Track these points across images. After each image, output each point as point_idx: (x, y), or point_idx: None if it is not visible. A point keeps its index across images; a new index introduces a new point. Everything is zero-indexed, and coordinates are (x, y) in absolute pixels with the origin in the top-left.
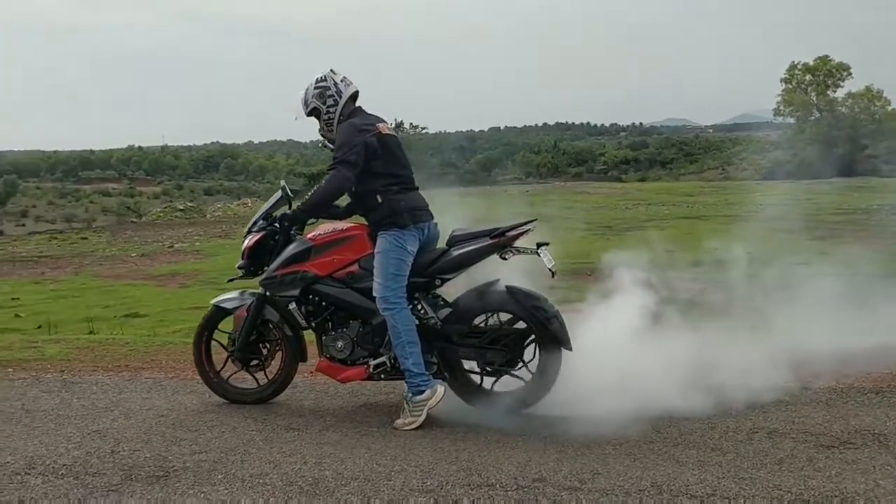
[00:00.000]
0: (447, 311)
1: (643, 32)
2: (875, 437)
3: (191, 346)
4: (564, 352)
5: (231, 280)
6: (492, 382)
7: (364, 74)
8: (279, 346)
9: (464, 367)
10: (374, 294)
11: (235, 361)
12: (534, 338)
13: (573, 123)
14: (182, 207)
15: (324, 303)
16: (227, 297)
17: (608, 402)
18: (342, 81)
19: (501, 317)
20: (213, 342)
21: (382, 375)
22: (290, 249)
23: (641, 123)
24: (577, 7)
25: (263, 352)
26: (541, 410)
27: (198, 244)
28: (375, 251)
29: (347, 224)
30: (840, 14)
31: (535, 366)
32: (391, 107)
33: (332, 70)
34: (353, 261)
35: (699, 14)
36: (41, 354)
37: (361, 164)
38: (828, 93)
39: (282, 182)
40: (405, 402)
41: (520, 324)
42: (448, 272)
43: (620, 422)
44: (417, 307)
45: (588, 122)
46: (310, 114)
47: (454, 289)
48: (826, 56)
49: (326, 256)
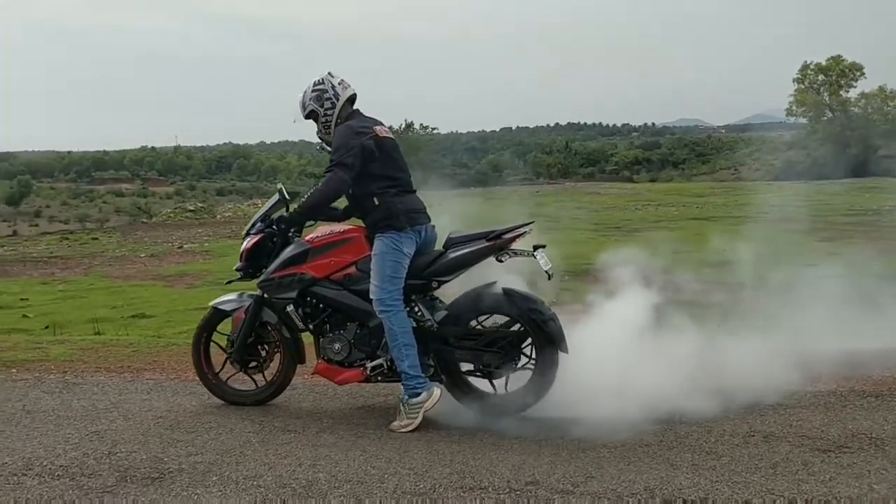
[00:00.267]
0: (444, 314)
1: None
2: (872, 442)
3: None
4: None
5: (229, 282)
6: (490, 385)
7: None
8: (277, 348)
9: (461, 370)
10: (371, 296)
11: (234, 363)
12: (530, 340)
13: (585, 124)
14: (192, 208)
15: (321, 305)
16: (226, 299)
17: (605, 405)
18: (339, 84)
19: (498, 319)
20: (212, 344)
21: (379, 377)
22: (288, 252)
23: (654, 124)
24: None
25: (262, 353)
26: (538, 413)
27: (207, 245)
28: (372, 253)
29: (345, 226)
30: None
31: (532, 368)
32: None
33: (330, 73)
34: (351, 263)
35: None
36: (45, 355)
37: (358, 167)
38: (840, 93)
39: (279, 185)
40: (401, 405)
41: (517, 326)
42: (444, 274)
43: (616, 424)
44: (415, 309)
45: (600, 123)
46: (307, 116)
47: (452, 290)
48: (839, 56)
49: (324, 259)
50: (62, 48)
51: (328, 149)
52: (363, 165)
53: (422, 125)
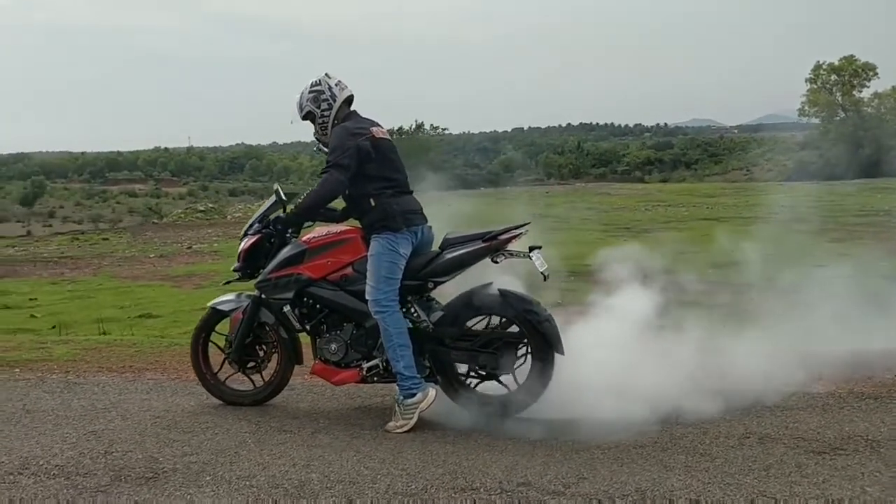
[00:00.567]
0: (439, 314)
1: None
2: (868, 444)
3: None
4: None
5: (227, 283)
6: (491, 386)
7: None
8: (275, 349)
9: (456, 371)
10: (367, 297)
11: (232, 363)
12: (526, 341)
13: (597, 124)
14: (203, 209)
15: (318, 305)
16: (224, 300)
17: (602, 406)
18: (336, 85)
19: (495, 320)
20: (211, 344)
21: (375, 378)
22: (285, 252)
23: (666, 124)
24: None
25: (260, 354)
26: (534, 414)
27: (216, 245)
28: (368, 254)
29: (342, 227)
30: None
31: (528, 369)
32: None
33: (327, 74)
34: (347, 263)
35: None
36: (48, 355)
37: (354, 168)
38: (853, 93)
39: (276, 186)
40: (396, 405)
41: (513, 327)
42: (440, 275)
43: (612, 426)
44: (411, 310)
45: (612, 123)
46: (305, 117)
47: (449, 290)
48: (852, 56)
49: (320, 259)
50: (76, 50)
51: (325, 150)
52: (359, 166)
53: (432, 126)
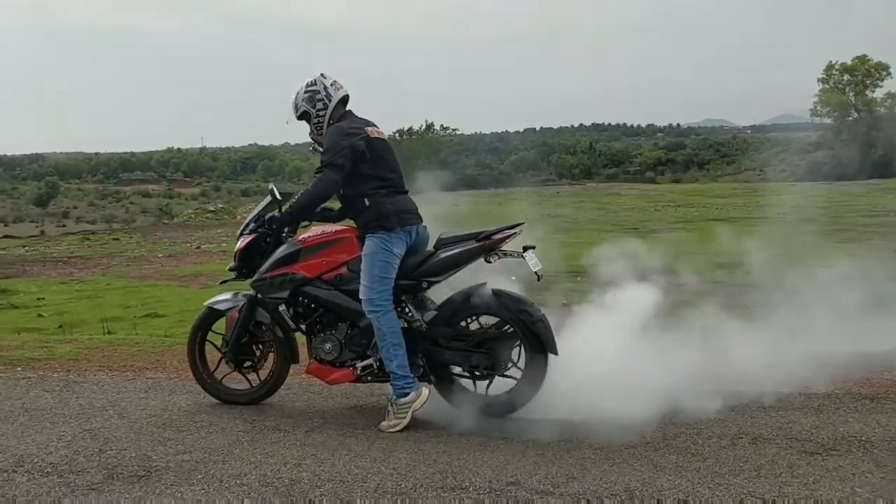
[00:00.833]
0: (433, 314)
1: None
2: (861, 445)
3: None
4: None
5: (223, 282)
6: (484, 386)
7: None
8: (271, 348)
9: (450, 370)
10: (360, 296)
11: (228, 362)
12: (520, 341)
13: (609, 124)
14: (213, 209)
15: (313, 305)
16: (220, 299)
17: (596, 406)
18: (332, 86)
19: (489, 320)
20: (208, 343)
21: (369, 377)
22: (280, 251)
23: (679, 124)
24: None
25: (256, 353)
26: (527, 413)
27: (224, 245)
28: (362, 254)
29: (337, 226)
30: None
31: (522, 370)
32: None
33: (323, 74)
34: (342, 263)
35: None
36: (51, 354)
37: (349, 168)
38: (866, 93)
39: (270, 185)
40: (390, 405)
41: (507, 327)
42: (434, 275)
43: (606, 425)
44: (405, 310)
45: (624, 123)
46: (300, 117)
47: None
48: (864, 56)
49: (315, 258)
50: (91, 50)
51: (320, 150)
52: (354, 166)
53: (442, 126)
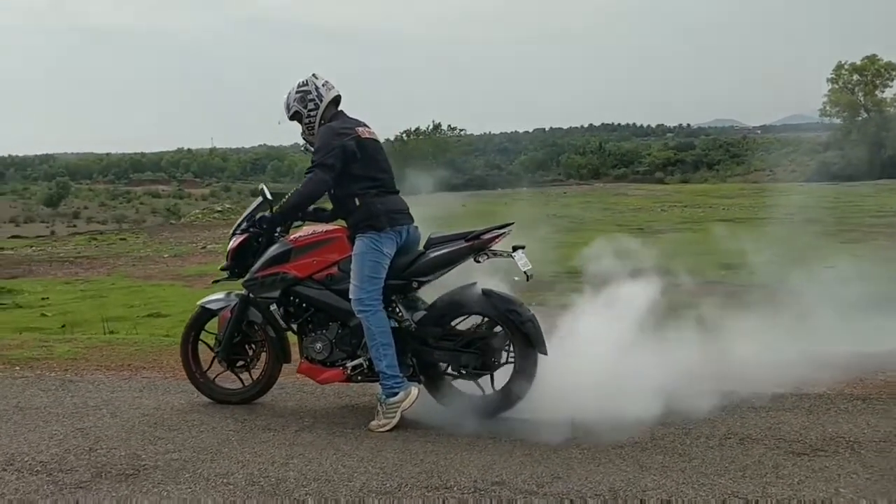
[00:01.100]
0: (423, 314)
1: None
2: (849, 445)
3: None
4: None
5: (216, 281)
6: (476, 386)
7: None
8: (264, 347)
9: (440, 370)
10: (350, 296)
11: (221, 362)
12: (509, 341)
13: (619, 124)
14: (220, 209)
15: (304, 304)
16: (213, 299)
17: (586, 406)
18: (323, 86)
19: (479, 320)
20: (201, 343)
21: (359, 377)
22: (271, 251)
23: (689, 125)
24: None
25: (248, 352)
26: (519, 413)
27: None
28: (352, 253)
29: (328, 226)
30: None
31: (511, 370)
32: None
33: (314, 74)
34: (333, 263)
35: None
36: (49, 353)
37: (339, 168)
38: (876, 93)
39: (261, 186)
40: (379, 404)
41: (497, 327)
42: (424, 275)
43: (595, 426)
44: (395, 310)
45: (634, 123)
46: (292, 118)
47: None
48: (874, 55)
49: (306, 258)
50: (101, 52)
51: (311, 150)
52: (344, 166)
53: (449, 126)
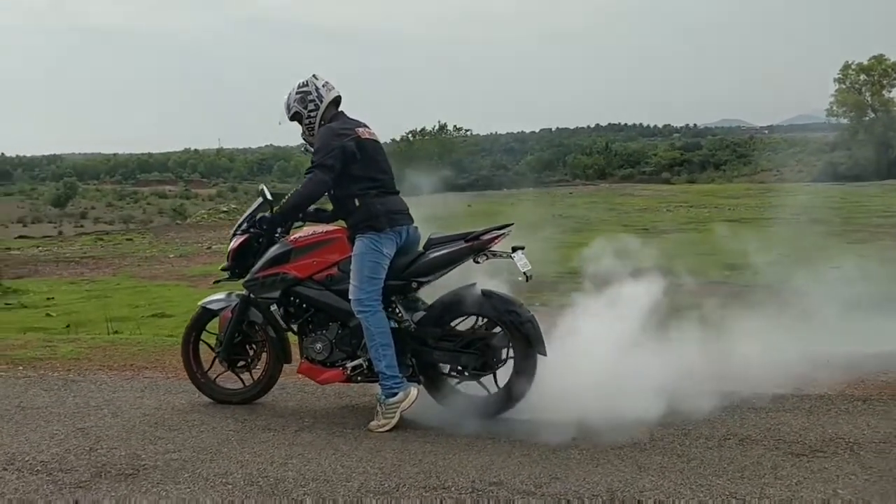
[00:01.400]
0: (422, 314)
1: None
2: (848, 446)
3: None
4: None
5: (217, 282)
6: (479, 386)
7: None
8: (264, 348)
9: (440, 370)
10: (350, 296)
11: (221, 362)
12: (509, 342)
13: (626, 125)
14: (226, 209)
15: (304, 305)
16: (214, 299)
17: (587, 407)
18: (324, 87)
19: (479, 321)
20: (203, 343)
21: (359, 377)
22: (272, 252)
23: (695, 125)
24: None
25: (249, 353)
26: (517, 414)
27: None
28: (352, 254)
29: (328, 227)
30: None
31: (510, 370)
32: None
33: (315, 75)
34: (333, 263)
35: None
36: (53, 353)
37: (339, 168)
38: (883, 93)
39: (261, 186)
40: (378, 405)
41: (496, 328)
42: (423, 275)
43: (595, 426)
44: (395, 310)
45: (640, 124)
46: (292, 118)
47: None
48: (881, 55)
49: (306, 259)
50: (108, 52)
51: (312, 151)
52: (344, 167)
53: (455, 126)
